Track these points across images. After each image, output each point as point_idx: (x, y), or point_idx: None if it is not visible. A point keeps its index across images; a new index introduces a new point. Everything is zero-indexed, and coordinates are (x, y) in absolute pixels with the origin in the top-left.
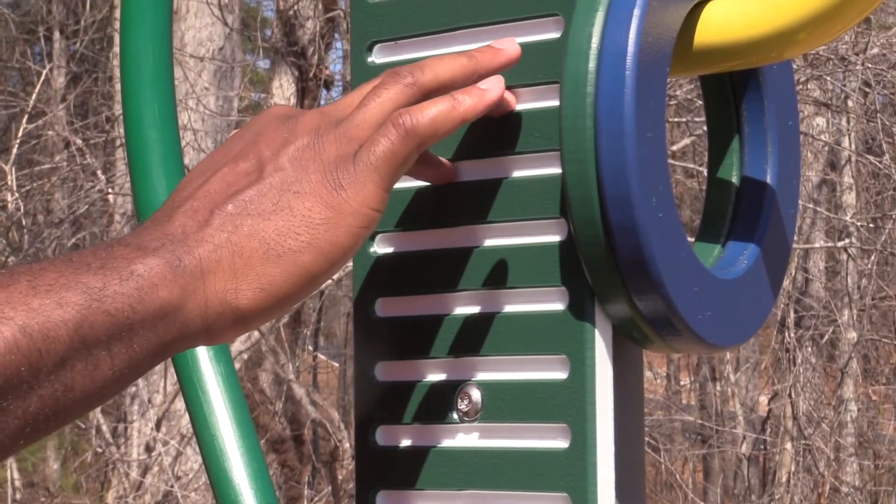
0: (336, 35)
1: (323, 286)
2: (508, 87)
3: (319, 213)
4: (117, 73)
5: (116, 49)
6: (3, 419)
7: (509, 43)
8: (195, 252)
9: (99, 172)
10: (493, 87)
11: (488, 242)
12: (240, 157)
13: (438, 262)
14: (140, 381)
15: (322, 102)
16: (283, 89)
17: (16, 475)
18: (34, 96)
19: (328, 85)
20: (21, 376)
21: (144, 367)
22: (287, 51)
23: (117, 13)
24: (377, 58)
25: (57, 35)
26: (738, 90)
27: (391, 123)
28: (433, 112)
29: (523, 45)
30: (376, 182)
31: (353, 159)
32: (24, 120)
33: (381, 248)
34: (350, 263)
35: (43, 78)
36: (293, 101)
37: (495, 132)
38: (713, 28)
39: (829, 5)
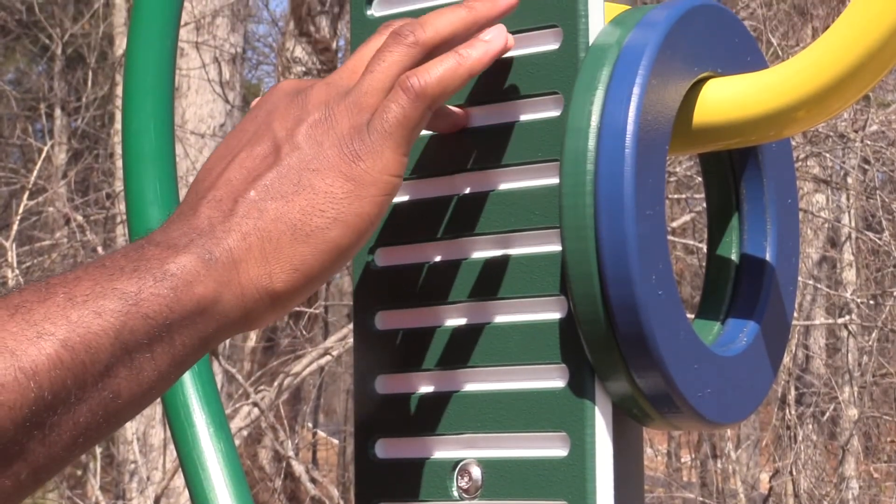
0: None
1: (323, 362)
2: (508, 165)
3: (341, 187)
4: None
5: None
6: (56, 432)
7: None
8: (224, 243)
9: (99, 249)
10: (495, 37)
11: (488, 319)
12: (255, 140)
13: (439, 340)
14: (139, 458)
15: None
16: None
17: None
18: (35, 173)
19: None
20: (68, 389)
21: (189, 363)
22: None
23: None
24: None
25: (58, 112)
26: (737, 168)
27: (400, 88)
28: (440, 71)
29: (524, 124)
30: (393, 148)
31: (367, 128)
32: (25, 196)
33: (382, 325)
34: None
35: (44, 155)
36: None
37: (496, 210)
38: (712, 107)
39: (828, 84)
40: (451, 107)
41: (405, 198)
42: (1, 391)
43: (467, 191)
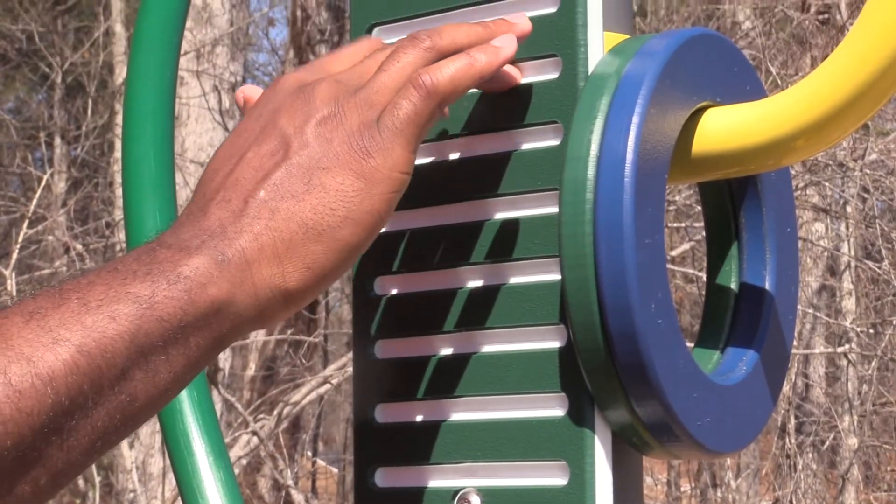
0: None
1: (322, 391)
2: (507, 194)
3: (352, 185)
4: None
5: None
6: (74, 437)
7: (521, 18)
8: (236, 244)
9: None
10: (506, 45)
11: (487, 348)
12: (262, 138)
13: (438, 368)
14: (138, 487)
15: None
16: None
17: None
18: (34, 201)
19: None
20: (85, 394)
21: (203, 363)
22: None
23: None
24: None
25: (58, 140)
26: (736, 197)
27: (411, 85)
28: (451, 70)
29: (523, 153)
30: (403, 145)
31: (377, 125)
32: (25, 225)
33: (382, 353)
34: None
35: (43, 183)
36: None
37: (495, 238)
38: (711, 136)
39: (827, 113)
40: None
41: (405, 226)
42: (19, 398)
43: (466, 219)
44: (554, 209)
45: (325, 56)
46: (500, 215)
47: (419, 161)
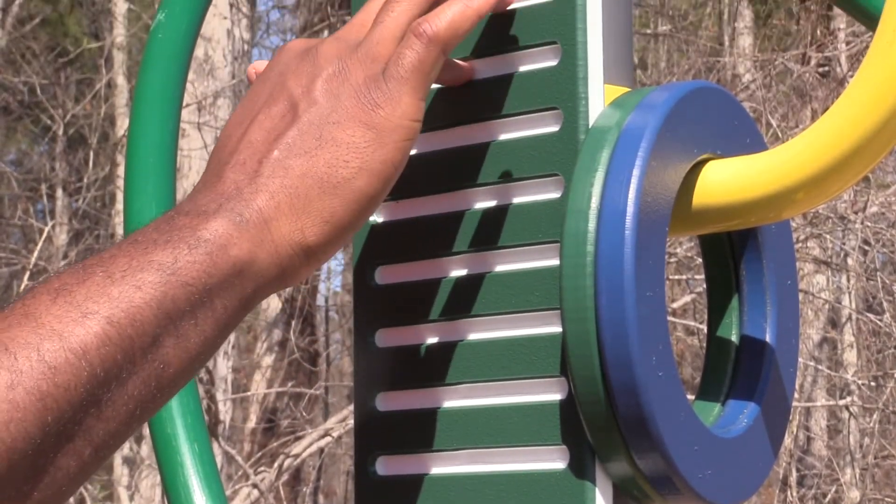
0: None
1: (323, 444)
2: (508, 246)
3: (363, 137)
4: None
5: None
6: (112, 408)
7: None
8: (254, 204)
9: None
10: None
11: (488, 400)
12: (271, 101)
13: (440, 420)
14: None
15: None
16: None
17: None
18: (36, 253)
19: None
20: (119, 364)
21: (231, 326)
22: None
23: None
24: None
25: (59, 192)
26: (736, 249)
27: (412, 34)
28: (449, 15)
29: (524, 205)
30: (410, 94)
31: (383, 76)
32: (26, 277)
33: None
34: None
35: (45, 235)
36: None
37: (496, 291)
38: (711, 188)
39: (827, 166)
40: (457, 60)
41: (403, 279)
42: (55, 374)
43: (467, 272)
44: (555, 262)
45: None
46: (501, 268)
47: (420, 211)
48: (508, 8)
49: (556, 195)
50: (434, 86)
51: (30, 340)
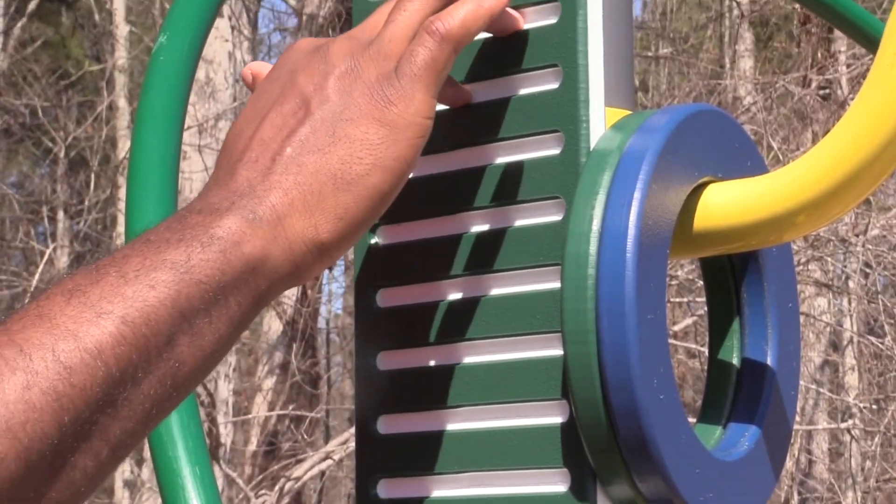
0: None
1: (324, 467)
2: (510, 269)
3: (376, 133)
4: None
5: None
6: (128, 408)
7: None
8: (267, 201)
9: None
10: None
11: (490, 424)
12: (282, 98)
13: (442, 444)
14: None
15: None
16: None
17: None
18: (37, 276)
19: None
20: (134, 364)
21: (245, 323)
22: None
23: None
24: None
25: (61, 215)
26: (737, 272)
27: (425, 32)
28: (462, 14)
29: (525, 228)
30: (423, 91)
31: (396, 74)
32: (27, 300)
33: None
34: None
35: (46, 257)
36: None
37: (497, 313)
38: (712, 211)
39: (828, 189)
40: (457, 82)
41: (405, 302)
42: (70, 374)
43: (468, 295)
44: (556, 284)
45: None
46: (503, 291)
47: (422, 234)
48: (510, 30)
49: (557, 218)
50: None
51: (45, 341)
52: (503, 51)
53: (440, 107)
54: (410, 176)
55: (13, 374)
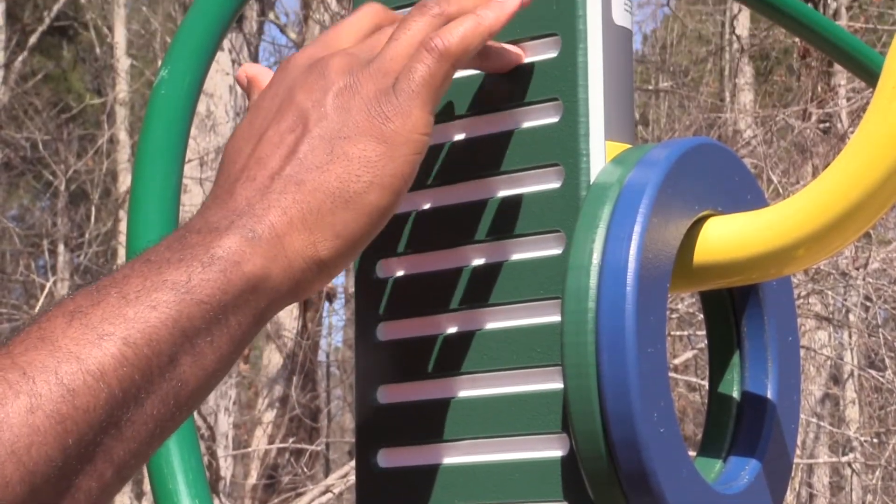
0: None
1: (324, 500)
2: (510, 302)
3: (374, 150)
4: None
5: (121, 261)
6: (132, 428)
7: None
8: (266, 220)
9: None
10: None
11: (490, 457)
12: (280, 115)
13: (442, 477)
14: None
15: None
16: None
17: None
18: (37, 309)
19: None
20: (137, 385)
21: (246, 341)
22: None
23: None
24: None
25: (61, 248)
26: (738, 306)
27: (424, 49)
28: (461, 31)
29: (525, 262)
30: (420, 107)
31: (394, 90)
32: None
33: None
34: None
35: (46, 291)
36: (295, 312)
37: (498, 347)
38: (712, 245)
39: (828, 223)
40: (505, 45)
41: (406, 335)
42: (74, 396)
43: (468, 328)
44: (556, 318)
45: (330, 30)
46: (503, 324)
47: (423, 267)
48: (510, 66)
49: (557, 251)
50: (438, 141)
51: (47, 364)
52: (503, 85)
53: (447, 137)
54: (413, 210)
55: (17, 397)
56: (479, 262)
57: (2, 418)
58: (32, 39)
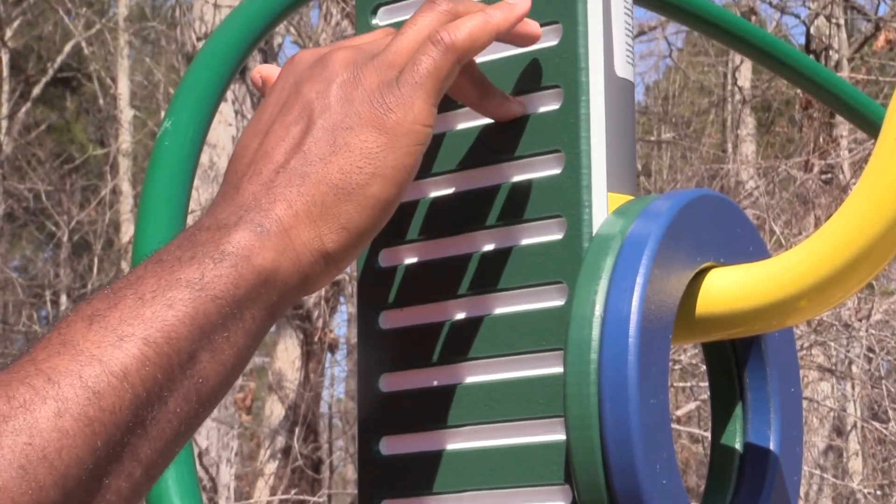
0: (341, 299)
1: None
2: (512, 353)
3: (375, 142)
4: None
5: None
6: (157, 427)
7: None
8: (272, 213)
9: None
10: (520, 2)
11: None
12: (286, 109)
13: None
14: None
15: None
16: (288, 352)
17: None
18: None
19: (332, 348)
20: (160, 383)
21: (260, 335)
22: (292, 314)
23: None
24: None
25: (63, 298)
26: (740, 357)
27: (430, 41)
28: (469, 26)
29: (528, 313)
30: (423, 98)
31: (397, 82)
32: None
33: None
34: None
35: None
36: (297, 363)
37: (501, 399)
38: (714, 297)
39: (830, 274)
40: (508, 95)
41: (403, 387)
42: (99, 398)
43: (472, 379)
44: (558, 369)
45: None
46: (506, 376)
47: (423, 320)
48: (512, 116)
49: (559, 303)
50: (443, 192)
51: (71, 368)
52: (505, 136)
53: (452, 186)
54: (415, 260)
55: (44, 402)
56: (481, 312)
57: (31, 424)
58: (36, 90)
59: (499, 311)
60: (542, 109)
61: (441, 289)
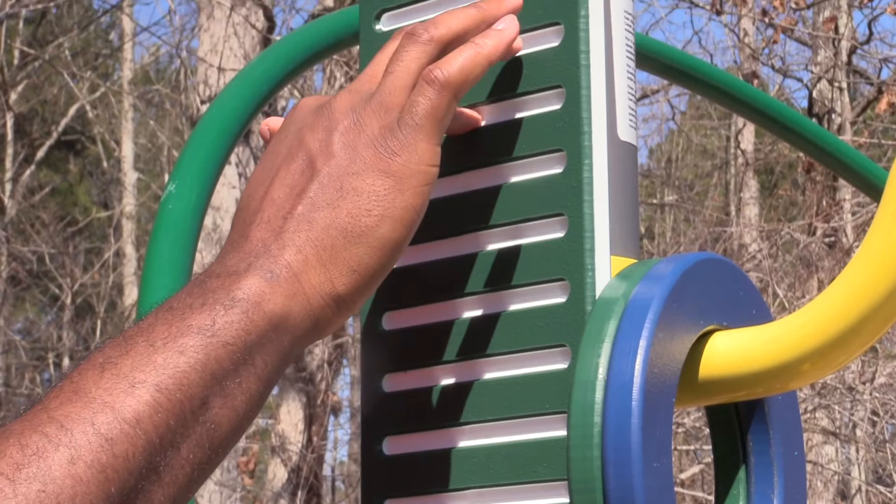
0: (344, 361)
1: None
2: (516, 417)
3: (383, 185)
4: None
5: None
6: (170, 473)
7: None
8: (282, 259)
9: None
10: (508, 26)
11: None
12: (290, 157)
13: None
14: None
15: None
16: (291, 415)
17: None
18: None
19: (336, 411)
20: (172, 430)
21: (273, 381)
22: (295, 376)
23: None
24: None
25: (66, 361)
26: (743, 420)
27: (424, 81)
28: (460, 61)
29: (532, 376)
30: (426, 139)
31: (398, 125)
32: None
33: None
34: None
35: None
36: (301, 426)
37: (504, 463)
38: (718, 360)
39: (833, 338)
40: (463, 109)
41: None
42: (112, 445)
43: (475, 442)
44: (562, 432)
45: None
46: (509, 438)
47: (427, 383)
48: (515, 180)
49: (563, 366)
50: (446, 255)
51: (83, 415)
52: (510, 198)
53: (455, 251)
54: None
55: (56, 449)
56: (486, 377)
57: (44, 471)
58: (40, 153)
59: (504, 373)
60: (545, 173)
61: (444, 352)
